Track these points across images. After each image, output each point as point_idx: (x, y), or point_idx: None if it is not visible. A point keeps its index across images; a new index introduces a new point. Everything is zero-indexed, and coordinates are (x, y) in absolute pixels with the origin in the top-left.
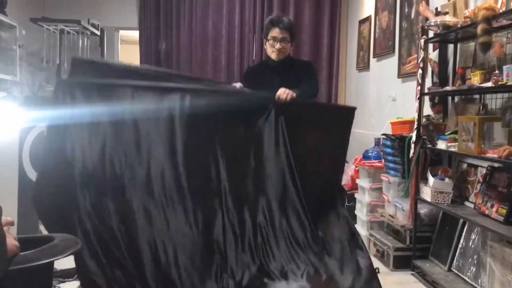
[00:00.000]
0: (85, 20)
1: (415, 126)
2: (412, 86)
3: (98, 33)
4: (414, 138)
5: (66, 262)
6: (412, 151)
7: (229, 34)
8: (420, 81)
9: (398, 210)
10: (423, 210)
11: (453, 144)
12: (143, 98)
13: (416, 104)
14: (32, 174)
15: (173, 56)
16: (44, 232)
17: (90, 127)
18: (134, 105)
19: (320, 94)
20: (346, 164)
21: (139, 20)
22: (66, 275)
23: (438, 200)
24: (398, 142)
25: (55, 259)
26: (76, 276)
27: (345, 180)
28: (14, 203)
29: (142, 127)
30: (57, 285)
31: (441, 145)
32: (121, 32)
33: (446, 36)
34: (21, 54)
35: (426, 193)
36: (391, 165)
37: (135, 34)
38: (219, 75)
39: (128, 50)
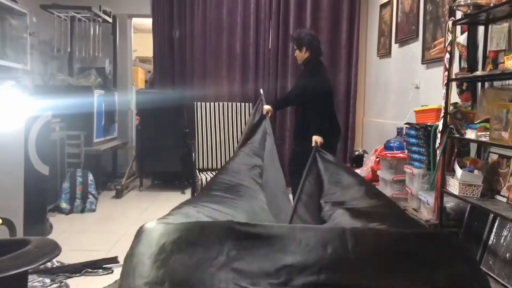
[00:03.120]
0: (96, 7)
1: (442, 114)
2: (437, 73)
3: (110, 20)
4: (440, 127)
5: (74, 256)
6: (438, 141)
7: (245, 21)
8: (447, 65)
9: (423, 204)
10: (449, 204)
11: (483, 133)
12: None
13: (443, 90)
14: (39, 165)
15: (186, 44)
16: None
17: None
18: None
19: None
20: (366, 155)
21: (152, 7)
22: (73, 270)
23: (467, 194)
24: (423, 132)
25: (23, 270)
26: (83, 271)
27: (365, 172)
28: (20, 193)
29: None
30: (64, 281)
31: (470, 134)
32: (134, 21)
33: (477, 17)
34: (32, 42)
35: (453, 186)
36: (415, 156)
37: (148, 22)
38: (233, 64)
39: (142, 38)
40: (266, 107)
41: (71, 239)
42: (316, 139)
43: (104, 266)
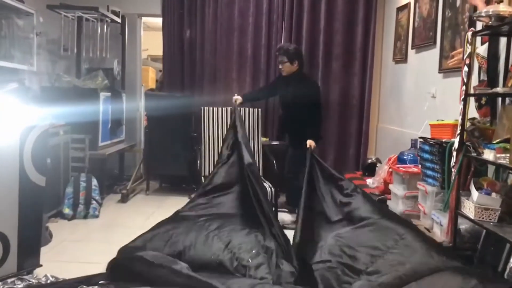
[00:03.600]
0: (104, 7)
1: (458, 131)
2: (455, 83)
3: (118, 20)
4: (456, 145)
5: (70, 270)
6: (453, 159)
7: (256, 21)
8: (465, 80)
9: (436, 224)
10: (464, 225)
11: (503, 155)
12: None
13: (460, 106)
14: (35, 176)
15: (196, 45)
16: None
17: None
18: None
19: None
20: (379, 164)
21: (163, 7)
22: (67, 286)
23: (483, 218)
24: (437, 148)
25: None
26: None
27: (377, 182)
28: (15, 206)
29: None
30: None
31: (488, 155)
32: (146, 19)
33: (499, 29)
34: (39, 42)
35: (469, 208)
36: (429, 172)
37: (160, 20)
38: (244, 65)
39: (154, 37)
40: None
41: (70, 248)
42: (311, 143)
43: (100, 282)
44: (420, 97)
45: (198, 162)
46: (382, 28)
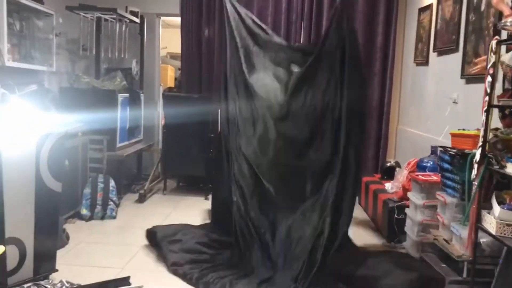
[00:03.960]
0: (123, 7)
1: (480, 142)
2: (478, 89)
3: (137, 20)
4: (478, 157)
5: (85, 274)
6: (474, 171)
7: (275, 21)
8: (488, 90)
9: (455, 236)
10: (484, 238)
11: None
12: None
13: (483, 117)
14: (51, 183)
15: (215, 44)
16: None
17: None
18: None
19: None
20: (398, 168)
21: (181, 6)
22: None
23: (505, 234)
24: (458, 159)
25: None
26: None
27: (395, 187)
28: (31, 212)
29: None
30: None
31: (511, 168)
32: (165, 17)
33: None
34: (59, 42)
35: (490, 223)
36: (449, 182)
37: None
38: None
39: (173, 34)
40: None
41: (86, 251)
42: None
43: None
44: (441, 101)
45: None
46: (403, 28)
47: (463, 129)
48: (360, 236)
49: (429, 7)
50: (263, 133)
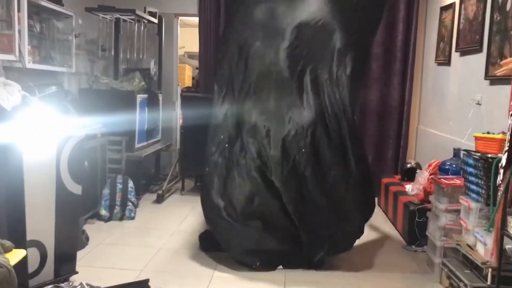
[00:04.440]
0: (141, 8)
1: (507, 147)
2: (503, 91)
3: (155, 21)
4: (503, 162)
5: (105, 276)
6: (500, 176)
7: None
8: None
9: (479, 243)
10: (510, 245)
11: None
12: None
13: (509, 121)
14: (71, 185)
15: None
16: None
17: None
18: None
19: None
20: (418, 170)
21: (199, 6)
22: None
23: None
24: (482, 163)
25: None
26: None
27: (416, 189)
28: (51, 215)
29: None
30: None
31: None
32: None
33: None
34: (78, 43)
35: None
36: (473, 187)
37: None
38: None
39: (191, 33)
40: None
41: (106, 253)
42: None
43: None
44: (464, 103)
45: None
46: (424, 27)
47: (488, 132)
48: (379, 238)
49: (451, 5)
50: None
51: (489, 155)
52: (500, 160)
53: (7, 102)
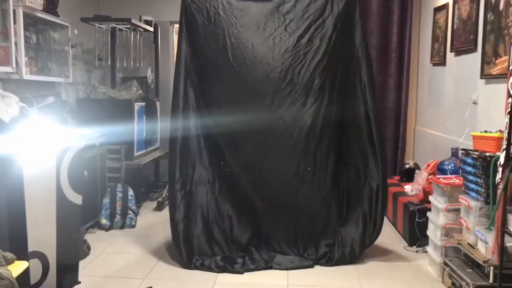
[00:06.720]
0: (136, 16)
1: (504, 145)
2: (499, 90)
3: (151, 29)
4: (502, 160)
5: (109, 286)
6: (499, 175)
7: None
8: (511, 92)
9: (480, 241)
10: (511, 242)
11: None
12: None
13: (506, 119)
14: (72, 195)
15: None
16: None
17: None
18: None
19: None
20: (417, 171)
21: None
22: None
23: None
24: (481, 162)
25: None
26: None
27: (415, 190)
28: (53, 225)
29: None
30: None
31: None
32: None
33: None
34: (75, 53)
35: None
36: (472, 186)
37: None
38: None
39: None
40: None
41: (107, 262)
42: None
43: None
44: (460, 102)
45: None
46: (418, 29)
47: (485, 131)
48: (380, 239)
49: (444, 6)
50: None
51: (487, 154)
52: (498, 158)
53: (6, 114)
